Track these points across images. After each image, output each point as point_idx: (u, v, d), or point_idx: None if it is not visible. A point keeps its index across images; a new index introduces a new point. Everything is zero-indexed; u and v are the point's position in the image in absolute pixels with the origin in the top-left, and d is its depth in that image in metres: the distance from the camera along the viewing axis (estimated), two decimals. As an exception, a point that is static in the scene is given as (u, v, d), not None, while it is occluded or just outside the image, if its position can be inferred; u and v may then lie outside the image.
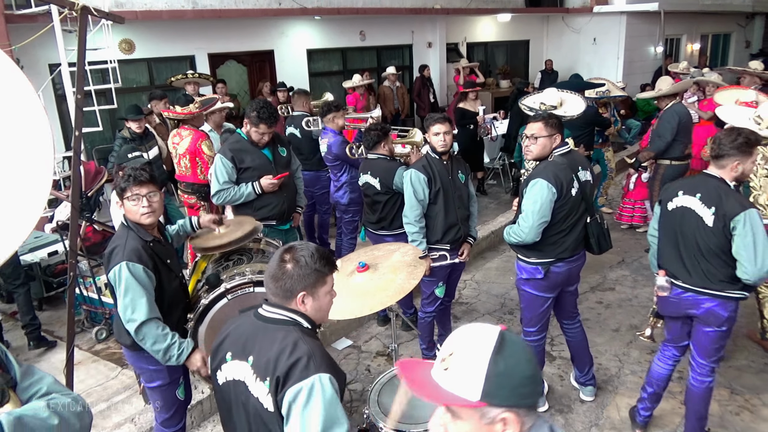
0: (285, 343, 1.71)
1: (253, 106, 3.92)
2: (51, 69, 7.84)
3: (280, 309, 1.80)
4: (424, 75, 10.85)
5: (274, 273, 1.80)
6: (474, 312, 5.18)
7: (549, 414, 3.70)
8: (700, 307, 3.03)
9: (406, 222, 3.79)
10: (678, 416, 3.63)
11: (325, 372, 1.67)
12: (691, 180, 3.13)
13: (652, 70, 13.62)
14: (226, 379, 1.85)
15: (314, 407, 1.63)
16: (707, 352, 3.12)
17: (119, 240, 2.68)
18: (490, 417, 1.19)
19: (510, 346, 1.21)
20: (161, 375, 2.84)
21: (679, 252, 3.05)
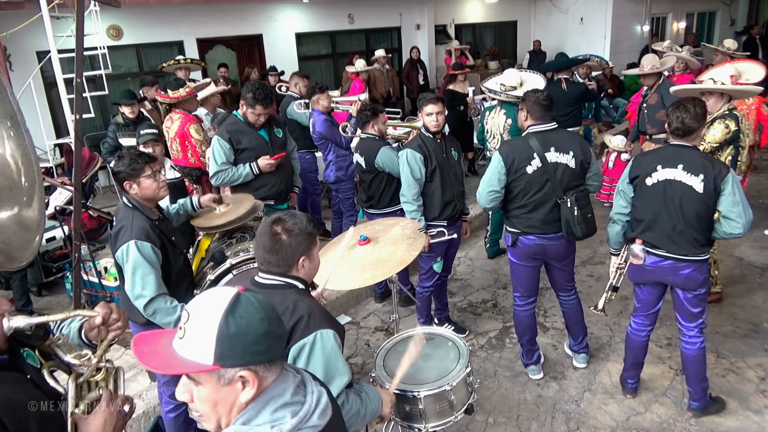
0: (285, 305, 1.81)
1: (248, 87, 3.98)
2: (39, 56, 7.80)
3: (276, 276, 1.89)
4: (413, 56, 10.87)
5: (271, 247, 1.87)
6: (468, 287, 5.30)
7: (544, 381, 3.85)
8: (679, 274, 3.14)
9: (404, 201, 3.87)
10: (666, 379, 3.79)
11: (325, 327, 1.79)
12: (662, 153, 3.13)
13: (638, 49, 13.72)
14: None
15: (316, 361, 1.76)
16: (691, 315, 3.26)
17: (125, 220, 2.73)
18: (227, 378, 1.20)
19: (243, 306, 1.22)
20: None
21: (662, 223, 3.10)
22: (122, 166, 2.75)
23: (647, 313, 3.43)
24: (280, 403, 1.25)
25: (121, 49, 8.91)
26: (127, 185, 2.77)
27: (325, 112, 5.37)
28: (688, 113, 2.98)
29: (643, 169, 3.14)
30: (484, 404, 3.63)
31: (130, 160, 2.75)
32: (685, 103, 3.02)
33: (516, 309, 3.84)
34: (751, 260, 5.40)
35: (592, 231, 3.48)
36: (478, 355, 4.21)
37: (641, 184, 3.15)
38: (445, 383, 2.29)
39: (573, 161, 3.39)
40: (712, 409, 3.43)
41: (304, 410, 1.26)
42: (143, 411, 3.56)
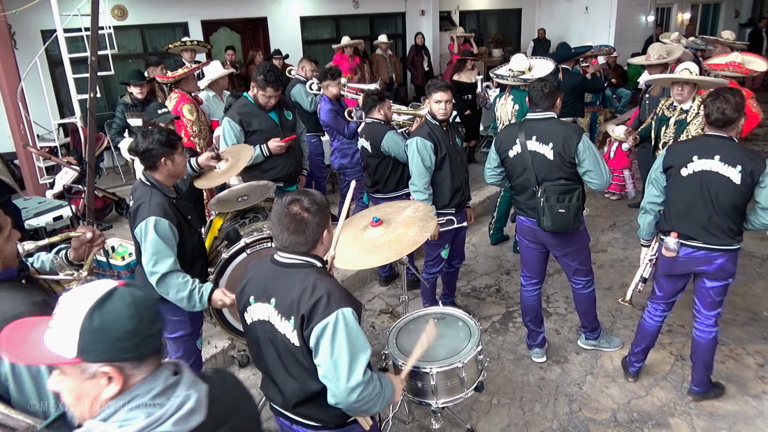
0: (305, 284, 1.86)
1: (260, 69, 3.99)
2: (44, 35, 7.77)
3: (296, 255, 1.93)
4: (418, 43, 10.84)
5: (295, 228, 1.88)
6: (472, 273, 5.36)
7: (547, 364, 3.92)
8: (713, 264, 3.17)
9: (414, 190, 3.88)
10: (668, 365, 3.86)
11: (345, 306, 1.84)
12: (698, 144, 3.12)
13: (643, 39, 13.69)
14: (252, 320, 2.02)
15: (340, 339, 1.80)
16: (714, 305, 3.31)
17: (143, 197, 2.75)
18: (89, 372, 1.19)
19: (114, 301, 1.20)
20: (184, 325, 2.99)
21: (697, 214, 3.09)
22: (157, 143, 2.71)
23: (668, 301, 3.47)
24: (138, 403, 1.21)
25: (126, 29, 8.86)
26: (163, 161, 2.75)
27: (333, 99, 5.38)
28: (729, 104, 2.95)
29: (678, 159, 3.11)
30: (488, 386, 3.70)
31: (166, 136, 2.74)
32: (724, 93, 2.99)
33: (521, 289, 3.93)
34: (751, 251, 5.47)
35: (562, 227, 3.42)
36: (482, 338, 4.26)
37: (675, 174, 3.11)
38: (457, 360, 2.35)
39: (551, 153, 3.36)
40: (712, 393, 3.51)
41: (157, 414, 1.19)
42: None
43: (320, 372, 1.85)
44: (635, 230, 5.85)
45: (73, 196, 6.05)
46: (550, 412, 3.49)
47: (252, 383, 3.90)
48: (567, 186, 3.41)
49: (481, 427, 3.38)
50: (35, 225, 5.33)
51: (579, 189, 3.45)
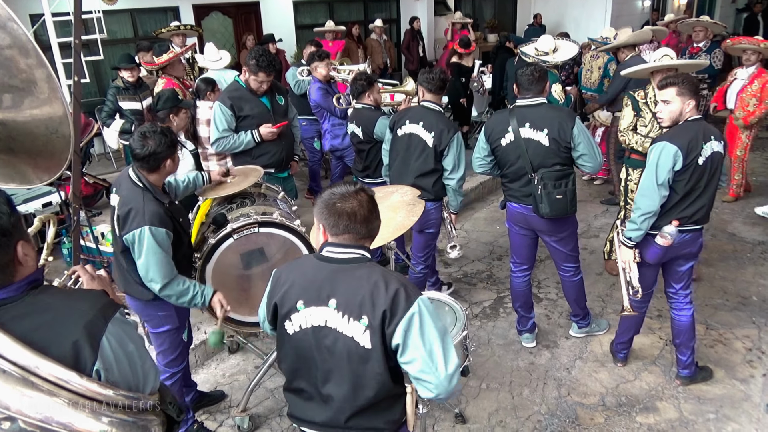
0: (373, 278, 1.75)
1: (252, 54, 3.94)
2: (32, 19, 7.66)
3: (351, 248, 1.81)
4: (414, 27, 10.75)
5: (366, 216, 1.79)
6: (464, 258, 5.35)
7: (536, 349, 3.93)
8: (697, 243, 3.21)
9: (462, 184, 3.93)
10: (656, 349, 3.88)
11: (420, 294, 1.76)
12: (696, 129, 3.01)
13: (639, 24, 13.58)
14: (300, 328, 1.84)
15: (429, 327, 1.71)
16: (688, 283, 3.37)
17: (135, 202, 2.64)
18: None
19: None
20: (170, 320, 2.95)
21: (707, 196, 3.09)
22: (162, 145, 2.64)
23: (648, 292, 3.44)
24: None
25: (116, 13, 8.74)
26: (168, 162, 2.70)
27: (323, 81, 5.34)
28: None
29: (693, 152, 2.95)
30: (478, 371, 3.71)
31: (168, 136, 2.67)
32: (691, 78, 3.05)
33: (511, 275, 3.92)
34: (743, 236, 5.48)
35: (560, 213, 3.41)
36: (473, 323, 4.28)
37: (694, 166, 2.99)
38: (442, 346, 2.34)
39: (546, 139, 3.34)
40: (700, 377, 3.53)
41: None
42: (143, 372, 3.62)
43: (413, 368, 1.72)
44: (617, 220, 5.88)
45: (62, 183, 5.99)
46: (538, 396, 3.50)
47: (241, 368, 3.91)
48: (563, 171, 3.40)
49: (469, 411, 3.39)
50: (24, 211, 5.29)
51: (573, 173, 3.47)
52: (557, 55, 5.22)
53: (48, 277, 4.84)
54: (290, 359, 1.92)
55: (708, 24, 7.20)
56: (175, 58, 5.55)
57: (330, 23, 9.15)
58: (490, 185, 6.91)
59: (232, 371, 3.90)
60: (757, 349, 3.85)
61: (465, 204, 6.50)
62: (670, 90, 3.02)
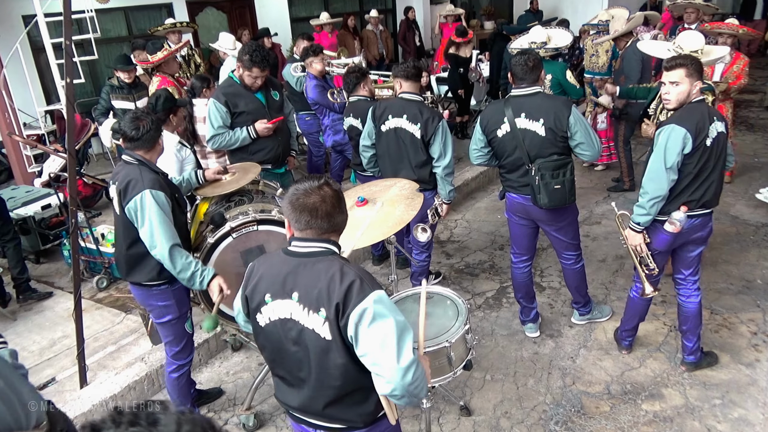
0: (331, 272, 1.75)
1: (245, 49, 3.90)
2: (25, 21, 7.61)
3: (314, 242, 1.82)
4: (409, 17, 10.66)
5: (328, 211, 1.79)
6: (466, 249, 5.33)
7: (540, 338, 3.91)
8: (707, 227, 3.19)
9: (450, 171, 3.89)
10: (661, 335, 3.86)
11: (378, 289, 1.74)
12: (701, 111, 2.98)
13: (637, 8, 13.44)
14: (269, 320, 1.87)
15: (383, 318, 1.69)
16: (697, 269, 3.34)
17: (133, 174, 2.74)
18: None
19: None
20: (171, 310, 2.99)
21: (716, 179, 3.06)
22: (154, 124, 2.81)
23: (656, 279, 3.40)
24: None
25: (109, 12, 8.68)
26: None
27: (318, 76, 5.30)
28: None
29: (701, 133, 2.94)
30: (482, 362, 3.70)
31: (155, 114, 2.89)
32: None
33: (512, 266, 3.90)
34: (745, 218, 5.44)
35: (558, 203, 3.38)
36: (476, 314, 4.26)
37: (702, 147, 2.95)
38: (444, 340, 2.33)
39: (542, 129, 3.29)
40: (705, 363, 3.51)
41: None
42: (146, 374, 3.62)
43: (367, 361, 1.73)
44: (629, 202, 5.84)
45: (61, 185, 5.97)
46: (543, 386, 3.49)
47: (245, 366, 3.90)
48: (560, 161, 3.35)
49: (474, 403, 3.38)
50: (23, 214, 5.28)
51: (571, 162, 3.41)
52: (556, 42, 5.16)
53: (49, 279, 4.82)
54: (267, 350, 1.97)
55: (699, 5, 7.11)
56: (170, 55, 5.51)
57: (325, 15, 9.09)
58: (490, 174, 6.87)
59: (235, 369, 3.89)
60: (762, 332, 3.82)
61: (466, 194, 6.48)
62: (679, 71, 2.97)
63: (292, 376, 1.92)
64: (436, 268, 4.89)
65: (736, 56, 5.48)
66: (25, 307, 4.65)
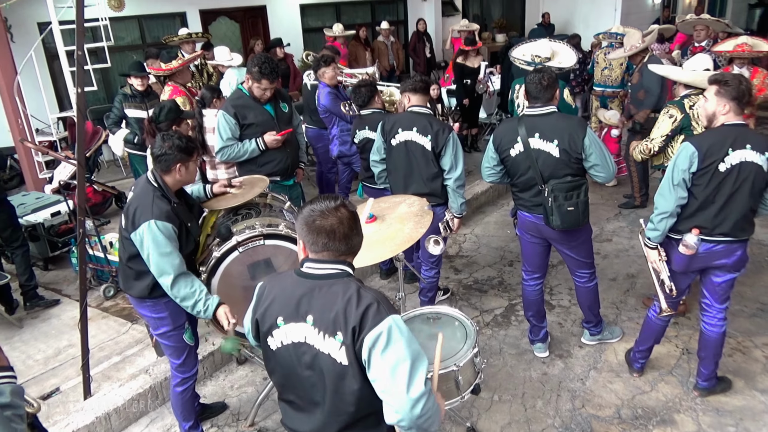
0: (348, 295, 1.72)
1: (254, 61, 3.89)
2: (40, 28, 7.68)
3: (330, 264, 1.78)
4: (419, 29, 10.67)
5: (345, 233, 1.75)
6: (474, 264, 5.28)
7: (549, 359, 3.84)
8: (732, 256, 3.05)
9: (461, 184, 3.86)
10: (673, 358, 3.78)
11: (395, 313, 1.71)
12: (725, 135, 2.89)
13: (650, 21, 13.41)
14: (281, 344, 1.83)
15: (396, 347, 1.65)
16: (725, 298, 3.22)
17: (144, 198, 2.71)
18: None
19: None
20: (165, 322, 2.96)
21: (734, 208, 2.94)
22: (176, 148, 2.72)
23: (674, 300, 3.34)
24: None
25: (123, 20, 8.76)
26: (178, 167, 2.74)
27: (331, 85, 5.29)
28: (749, 85, 2.86)
29: (714, 154, 2.87)
30: (489, 382, 3.64)
31: (185, 142, 2.74)
32: (736, 74, 2.90)
33: (523, 284, 3.84)
34: (760, 239, 5.35)
35: (571, 225, 3.31)
36: (484, 332, 4.20)
37: (713, 170, 2.88)
38: (452, 364, 2.28)
39: (556, 150, 3.24)
40: (719, 388, 3.42)
41: None
42: (150, 386, 3.59)
43: (378, 387, 1.68)
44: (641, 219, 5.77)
45: (71, 192, 5.99)
46: (552, 408, 3.42)
47: (249, 380, 3.86)
48: (574, 182, 3.29)
49: (481, 424, 3.32)
50: (33, 221, 5.29)
51: (585, 184, 3.36)
52: (561, 60, 5.10)
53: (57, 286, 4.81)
54: (277, 374, 1.92)
55: (709, 22, 7.06)
56: (183, 65, 5.52)
57: (339, 26, 9.11)
58: (500, 188, 6.82)
59: (240, 383, 3.85)
60: (777, 357, 3.74)
61: (475, 208, 6.43)
62: (711, 87, 2.94)
63: (303, 401, 1.87)
64: (444, 284, 4.84)
65: (754, 71, 5.41)
66: (31, 314, 4.65)
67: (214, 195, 3.31)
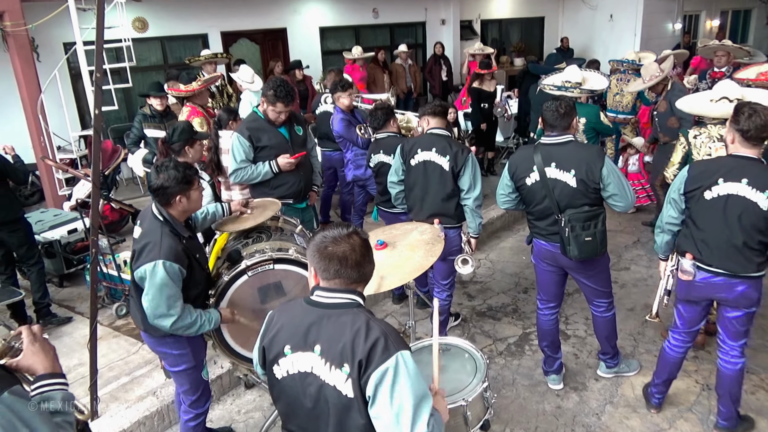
0: (356, 326, 1.68)
1: (270, 84, 3.92)
2: (66, 48, 7.86)
3: (341, 293, 1.75)
4: (437, 52, 10.73)
5: (358, 260, 1.73)
6: (489, 291, 5.20)
7: (564, 391, 3.74)
8: (732, 291, 2.96)
9: (479, 203, 3.87)
10: (693, 394, 3.65)
11: (404, 348, 1.66)
12: (723, 165, 2.89)
13: (670, 47, 13.33)
14: (287, 373, 1.79)
15: (402, 385, 1.61)
16: (738, 335, 3.10)
17: (153, 236, 2.64)
18: None
19: None
20: (186, 359, 2.90)
21: (719, 239, 2.90)
22: (173, 180, 2.62)
23: (689, 331, 3.25)
24: None
25: (146, 41, 8.94)
26: (178, 199, 2.67)
27: (346, 110, 5.32)
28: (763, 119, 2.75)
29: (702, 180, 2.90)
30: (501, 414, 3.54)
31: (182, 172, 2.65)
32: (761, 108, 2.78)
33: (538, 313, 3.76)
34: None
35: (589, 255, 3.25)
36: (497, 362, 4.11)
37: (698, 197, 2.92)
38: (460, 398, 2.21)
39: (573, 180, 3.19)
40: (740, 428, 3.29)
41: None
42: (157, 409, 3.56)
43: (379, 425, 1.64)
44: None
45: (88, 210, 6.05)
46: (566, 444, 3.32)
47: (257, 405, 3.81)
48: (591, 212, 3.23)
49: (492, 459, 3.22)
50: (50, 238, 5.34)
51: (603, 213, 3.30)
52: (592, 84, 5.07)
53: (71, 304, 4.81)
54: (281, 403, 1.89)
55: (731, 48, 6.99)
56: (203, 87, 5.59)
57: (358, 49, 9.22)
58: (516, 214, 6.74)
59: (247, 408, 3.81)
60: (802, 396, 3.60)
61: (490, 233, 6.37)
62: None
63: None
64: (456, 309, 4.77)
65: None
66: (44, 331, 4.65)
67: (231, 213, 3.30)
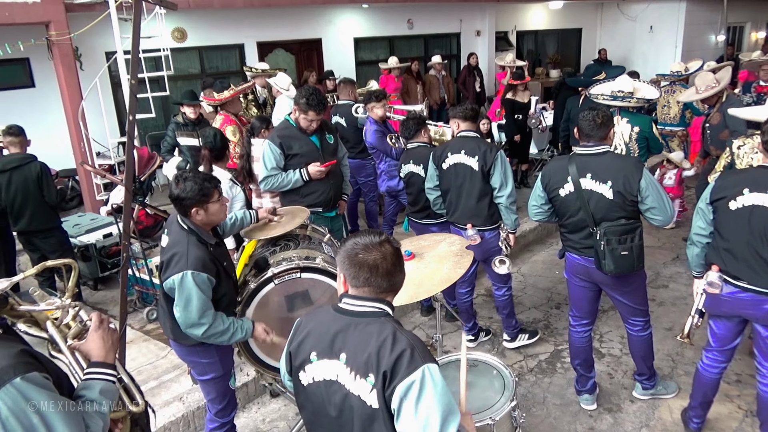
0: (383, 336, 1.64)
1: (302, 92, 3.93)
2: (107, 56, 8.09)
3: (369, 301, 1.72)
4: (471, 63, 10.67)
5: (388, 269, 1.70)
6: (520, 305, 5.07)
7: (597, 412, 3.60)
8: (761, 309, 2.84)
9: (513, 204, 3.90)
10: (735, 421, 3.47)
11: (430, 362, 1.61)
12: (750, 176, 2.84)
13: (712, 59, 12.98)
14: (313, 380, 1.77)
15: (428, 399, 1.56)
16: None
17: (180, 246, 2.63)
18: None
19: None
20: (215, 367, 2.88)
21: (744, 251, 2.81)
22: (190, 192, 2.60)
23: (722, 349, 3.11)
24: None
25: (185, 51, 9.14)
26: (195, 211, 2.66)
27: (379, 121, 5.31)
28: None
29: (728, 191, 2.83)
30: (531, 433, 3.43)
31: (200, 184, 2.63)
32: None
33: (570, 330, 3.64)
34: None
35: (625, 269, 3.14)
36: (527, 379, 4.00)
37: (723, 207, 2.84)
38: (487, 417, 2.13)
39: (610, 192, 3.09)
40: (786, 458, 3.10)
41: None
42: (182, 414, 3.56)
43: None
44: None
45: (123, 215, 6.18)
46: (598, 467, 3.18)
47: (282, 414, 3.78)
48: (628, 225, 3.12)
49: (520, 480, 3.11)
50: (86, 242, 5.46)
51: (640, 227, 3.17)
52: (644, 93, 4.94)
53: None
54: (306, 410, 1.85)
55: None
56: (235, 95, 5.68)
57: (394, 59, 9.27)
58: (549, 227, 6.61)
59: (272, 416, 3.78)
60: None
61: (523, 246, 6.24)
62: None
63: None
64: (486, 324, 4.67)
65: None
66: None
67: (259, 220, 3.30)
